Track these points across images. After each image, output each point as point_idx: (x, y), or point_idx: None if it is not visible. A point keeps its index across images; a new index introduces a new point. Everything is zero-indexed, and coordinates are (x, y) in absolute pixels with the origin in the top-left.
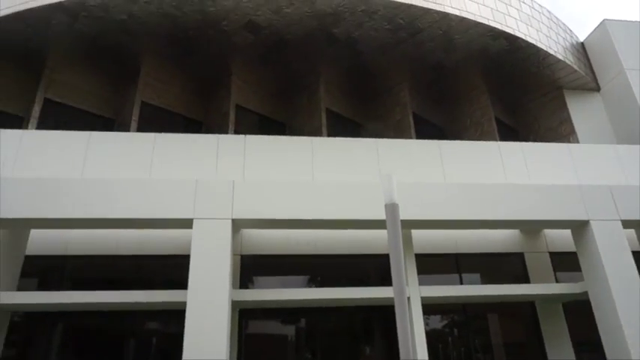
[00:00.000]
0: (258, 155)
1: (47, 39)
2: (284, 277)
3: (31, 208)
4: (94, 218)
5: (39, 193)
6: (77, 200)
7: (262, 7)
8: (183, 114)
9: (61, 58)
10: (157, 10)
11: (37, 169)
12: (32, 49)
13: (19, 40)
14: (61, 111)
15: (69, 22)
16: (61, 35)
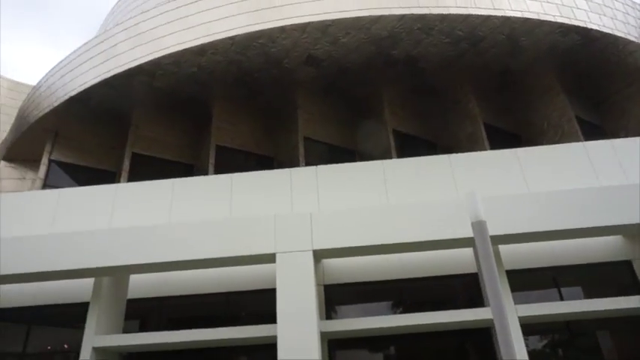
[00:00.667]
0: (330, 184)
1: (130, 99)
2: (369, 304)
3: (130, 255)
4: (185, 260)
5: (135, 241)
6: (168, 245)
7: (320, 40)
8: (255, 152)
9: (144, 114)
10: (223, 59)
11: (131, 218)
12: (118, 109)
13: (107, 103)
14: (147, 162)
15: (148, 81)
16: (142, 94)
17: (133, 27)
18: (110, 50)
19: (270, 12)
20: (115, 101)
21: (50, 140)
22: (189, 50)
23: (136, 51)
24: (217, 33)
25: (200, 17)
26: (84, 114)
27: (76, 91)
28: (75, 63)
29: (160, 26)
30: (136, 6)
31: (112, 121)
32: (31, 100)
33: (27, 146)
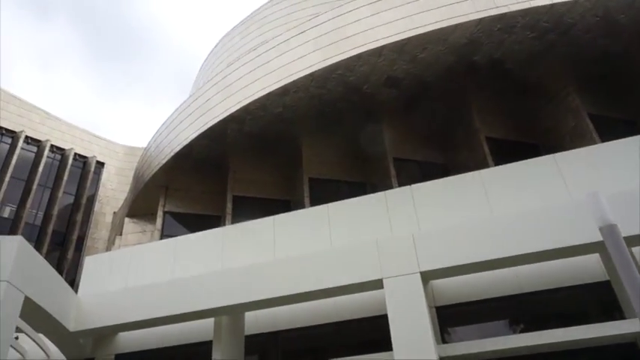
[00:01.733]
0: (427, 202)
1: (226, 146)
2: (485, 323)
3: (243, 293)
4: (295, 294)
5: (246, 279)
6: (276, 280)
7: (397, 61)
8: (346, 179)
9: (239, 159)
10: (305, 95)
11: (240, 257)
12: (217, 157)
13: (206, 154)
14: (247, 203)
15: (239, 127)
16: (235, 140)
17: (221, 81)
18: (204, 105)
19: (344, 43)
20: (213, 150)
21: (162, 194)
22: (273, 93)
23: (226, 102)
24: (297, 72)
25: (279, 60)
26: (188, 166)
27: (180, 146)
28: (176, 122)
29: (245, 75)
30: (222, 60)
31: (213, 168)
32: (144, 161)
33: (144, 202)
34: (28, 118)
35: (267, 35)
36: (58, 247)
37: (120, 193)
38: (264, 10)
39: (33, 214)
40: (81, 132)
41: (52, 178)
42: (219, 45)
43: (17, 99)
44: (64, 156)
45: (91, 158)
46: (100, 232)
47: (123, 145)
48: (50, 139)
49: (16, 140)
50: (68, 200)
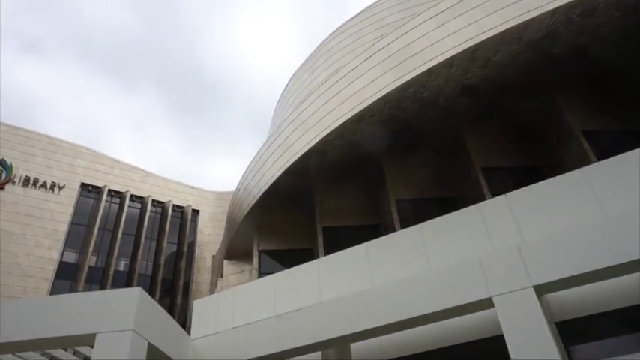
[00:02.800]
0: (527, 210)
1: (309, 179)
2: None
3: (348, 324)
4: (400, 320)
5: (350, 310)
6: (379, 308)
7: (469, 68)
8: (435, 197)
9: (324, 190)
10: (380, 118)
11: (337, 288)
12: (302, 191)
13: (292, 189)
14: (337, 232)
15: (320, 160)
16: (318, 172)
17: (297, 118)
18: (284, 143)
19: (413, 60)
20: (298, 185)
21: (255, 234)
22: (349, 121)
23: (305, 137)
24: (369, 97)
25: (351, 88)
26: (276, 204)
27: (267, 185)
28: (259, 163)
29: (319, 108)
30: (295, 97)
31: (300, 203)
32: (234, 204)
33: (240, 243)
34: (131, 179)
35: (335, 66)
36: (168, 293)
37: (216, 237)
38: (328, 42)
39: (144, 265)
40: (175, 184)
41: (156, 229)
42: (289, 83)
43: (120, 163)
44: (164, 208)
45: (186, 208)
46: (203, 276)
47: (213, 192)
48: (151, 194)
49: (123, 200)
50: (172, 249)
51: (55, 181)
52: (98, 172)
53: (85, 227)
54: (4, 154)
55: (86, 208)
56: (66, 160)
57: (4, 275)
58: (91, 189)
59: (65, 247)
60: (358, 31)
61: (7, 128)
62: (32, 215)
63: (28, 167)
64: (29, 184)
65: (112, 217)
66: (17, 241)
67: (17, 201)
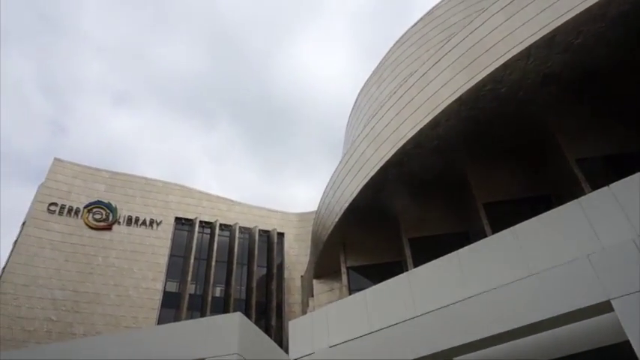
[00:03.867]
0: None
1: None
2: None
3: (447, 337)
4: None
5: (448, 322)
6: (485, 318)
7: (549, 56)
8: (526, 196)
9: (406, 201)
10: (458, 121)
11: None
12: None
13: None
14: (425, 243)
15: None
16: (397, 183)
17: (370, 132)
18: (360, 159)
19: (485, 57)
20: (379, 199)
21: (341, 251)
22: (425, 129)
23: (380, 150)
24: (443, 101)
25: (423, 95)
26: (359, 219)
27: (347, 202)
28: (337, 181)
29: (392, 120)
30: (365, 112)
31: (383, 216)
32: (318, 223)
33: (327, 261)
34: (218, 208)
35: (402, 75)
36: (262, 315)
37: (302, 257)
38: (392, 53)
39: (238, 289)
40: (259, 210)
41: (246, 255)
42: (358, 99)
43: (208, 194)
44: (251, 234)
45: (272, 231)
46: (294, 297)
47: (295, 213)
48: (238, 221)
49: (213, 229)
50: (262, 272)
51: (152, 217)
52: (189, 206)
53: (182, 258)
54: (108, 198)
55: (181, 240)
56: (160, 197)
57: (118, 307)
58: (184, 222)
59: (167, 278)
60: (422, 37)
61: (109, 174)
62: (137, 251)
63: (129, 207)
64: (132, 222)
65: (205, 246)
66: (127, 276)
67: (123, 239)
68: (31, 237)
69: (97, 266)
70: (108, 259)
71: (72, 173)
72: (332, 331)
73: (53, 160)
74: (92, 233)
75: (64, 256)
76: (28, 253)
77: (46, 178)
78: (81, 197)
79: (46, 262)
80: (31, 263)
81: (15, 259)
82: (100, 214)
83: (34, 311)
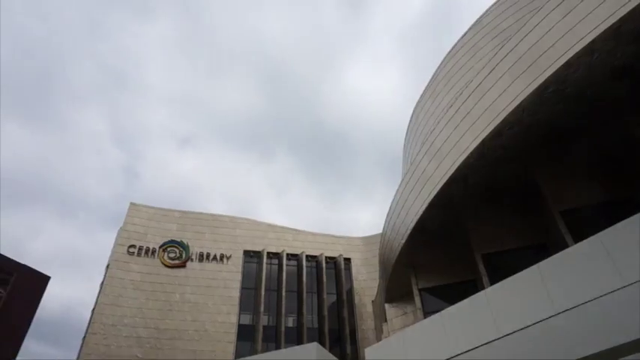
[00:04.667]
0: None
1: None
2: None
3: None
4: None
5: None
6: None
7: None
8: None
9: (474, 215)
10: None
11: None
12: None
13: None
14: (499, 258)
15: (463, 185)
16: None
17: (429, 148)
18: (422, 176)
19: (544, 58)
20: (445, 216)
21: (412, 273)
22: (487, 139)
23: (442, 166)
24: (504, 110)
25: (481, 105)
26: (427, 238)
27: (413, 222)
28: (401, 201)
29: (451, 133)
30: (421, 129)
31: (452, 233)
32: (384, 246)
33: (398, 284)
34: (284, 239)
35: (456, 88)
36: (336, 343)
37: (371, 282)
38: (444, 66)
39: (309, 319)
40: (324, 237)
41: (314, 283)
42: (413, 116)
43: (273, 226)
44: (318, 262)
45: (338, 257)
46: (366, 322)
47: (360, 238)
48: (304, 250)
49: (281, 259)
50: (332, 299)
51: (222, 252)
52: (256, 238)
53: (253, 290)
54: (181, 236)
55: (251, 272)
56: (228, 232)
57: (197, 342)
58: (252, 254)
59: (240, 310)
60: (473, 47)
61: (180, 214)
62: (210, 286)
63: (200, 244)
64: (203, 258)
65: (274, 276)
66: (203, 310)
67: (197, 275)
68: (114, 279)
69: (175, 303)
70: (184, 295)
71: (146, 215)
72: (410, 356)
73: (129, 205)
74: (168, 271)
75: (145, 295)
76: (114, 294)
77: (124, 222)
78: (156, 237)
79: (130, 302)
80: (116, 303)
81: (102, 300)
82: (174, 253)
83: (121, 349)
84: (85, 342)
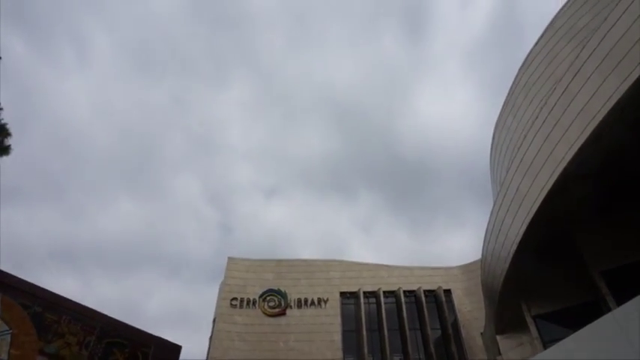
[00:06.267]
0: None
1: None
2: None
3: None
4: None
5: None
6: None
7: None
8: None
9: (585, 230)
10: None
11: None
12: (557, 240)
13: (544, 241)
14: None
15: (564, 199)
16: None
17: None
18: (517, 196)
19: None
20: (550, 234)
21: (522, 299)
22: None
23: (537, 182)
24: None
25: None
26: (533, 260)
27: (514, 244)
28: (497, 225)
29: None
30: (507, 146)
31: (560, 252)
32: (486, 274)
33: (507, 313)
34: (379, 276)
35: (538, 98)
36: None
37: (477, 312)
38: (520, 78)
39: (416, 357)
40: (420, 270)
41: (416, 318)
42: (495, 135)
43: (366, 264)
44: (417, 296)
45: (437, 289)
46: (478, 357)
47: (458, 267)
48: (401, 286)
49: (378, 297)
50: (436, 334)
51: (319, 296)
52: (351, 279)
53: (354, 332)
54: (278, 285)
55: (349, 314)
56: (322, 275)
57: None
58: (349, 295)
59: (344, 354)
60: (550, 52)
61: (275, 263)
62: (311, 331)
63: (297, 290)
64: (302, 304)
65: (374, 316)
66: (307, 357)
67: (297, 322)
68: (222, 331)
69: (280, 351)
70: (288, 342)
71: (244, 268)
72: None
73: (227, 259)
74: (270, 320)
75: (251, 345)
76: (222, 347)
77: (224, 276)
78: (255, 288)
79: (237, 354)
80: (226, 356)
81: (213, 353)
82: (274, 301)
83: None
84: None
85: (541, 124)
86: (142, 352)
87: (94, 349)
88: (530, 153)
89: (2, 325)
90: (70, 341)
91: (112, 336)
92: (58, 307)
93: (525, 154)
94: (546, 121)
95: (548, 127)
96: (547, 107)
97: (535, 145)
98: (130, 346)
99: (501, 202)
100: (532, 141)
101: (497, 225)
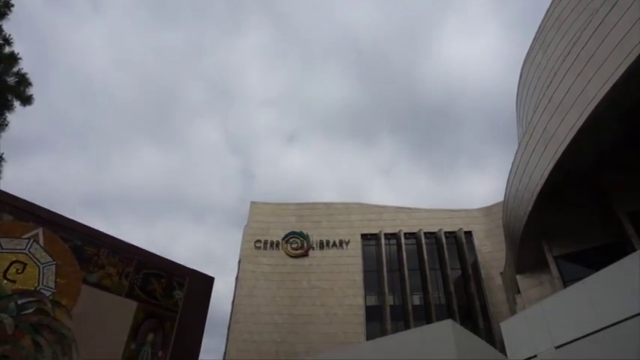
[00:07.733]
0: None
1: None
2: None
3: None
4: None
5: None
6: None
7: None
8: None
9: (612, 170)
10: None
11: None
12: (581, 182)
13: (568, 183)
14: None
15: (593, 139)
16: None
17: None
18: (543, 136)
19: None
20: (575, 174)
21: (543, 240)
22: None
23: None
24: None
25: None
26: (557, 202)
27: (539, 186)
28: (522, 165)
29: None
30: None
31: (584, 193)
32: (508, 215)
33: (528, 254)
34: (399, 219)
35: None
36: (467, 319)
37: (497, 253)
38: (551, 13)
39: (436, 296)
40: (440, 212)
41: (436, 259)
42: (522, 73)
43: (386, 207)
44: (437, 238)
45: (458, 231)
46: (496, 296)
47: (479, 209)
48: (421, 228)
49: (399, 239)
50: (456, 274)
51: (341, 238)
52: (371, 221)
53: (376, 272)
54: (300, 227)
55: (371, 255)
56: (343, 218)
57: (329, 325)
58: (370, 237)
59: (366, 292)
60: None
61: (296, 206)
62: (333, 271)
63: (319, 232)
64: (323, 246)
65: (394, 257)
66: (330, 295)
67: (320, 262)
68: (247, 272)
69: (303, 290)
70: (311, 282)
71: (267, 212)
72: (553, 330)
73: (250, 204)
74: (293, 261)
75: (276, 285)
76: (249, 286)
77: (248, 219)
78: (278, 231)
79: (263, 292)
80: (252, 294)
81: (240, 292)
82: (296, 243)
83: (262, 335)
84: (231, 330)
85: (574, 60)
86: (177, 282)
87: (133, 279)
88: (560, 91)
89: (46, 256)
90: (111, 272)
91: (149, 267)
92: (97, 240)
93: (555, 92)
94: (579, 56)
95: (581, 63)
96: (580, 42)
97: (566, 83)
98: (166, 276)
99: (527, 142)
100: (562, 78)
101: (521, 166)
